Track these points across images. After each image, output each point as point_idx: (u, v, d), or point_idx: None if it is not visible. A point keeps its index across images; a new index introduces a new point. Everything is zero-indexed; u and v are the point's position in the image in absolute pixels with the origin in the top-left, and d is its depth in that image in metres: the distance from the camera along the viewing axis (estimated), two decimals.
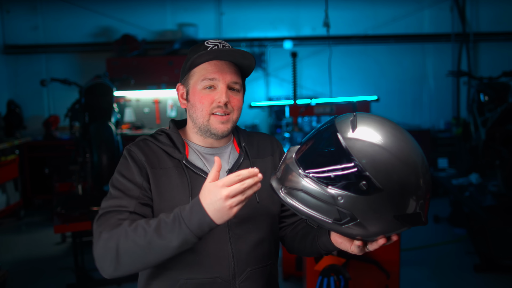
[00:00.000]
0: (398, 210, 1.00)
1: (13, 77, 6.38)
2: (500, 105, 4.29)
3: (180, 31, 6.22)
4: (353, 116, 1.05)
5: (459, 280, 3.61)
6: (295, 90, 4.56)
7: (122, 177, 1.24)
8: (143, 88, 5.93)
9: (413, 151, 1.02)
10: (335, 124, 1.05)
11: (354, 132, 1.01)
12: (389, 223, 1.01)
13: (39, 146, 5.95)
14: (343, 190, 1.00)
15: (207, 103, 1.27)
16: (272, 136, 1.50)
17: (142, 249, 1.09)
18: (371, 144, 0.99)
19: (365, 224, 1.02)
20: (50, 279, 3.74)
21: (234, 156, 1.36)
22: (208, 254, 1.26)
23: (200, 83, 1.28)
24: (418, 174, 1.01)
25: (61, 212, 3.33)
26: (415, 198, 1.01)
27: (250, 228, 1.31)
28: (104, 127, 3.78)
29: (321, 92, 6.08)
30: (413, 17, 6.44)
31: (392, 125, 1.05)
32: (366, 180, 0.98)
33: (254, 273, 1.30)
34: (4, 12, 6.30)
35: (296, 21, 6.51)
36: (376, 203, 0.99)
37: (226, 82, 1.28)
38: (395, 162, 0.99)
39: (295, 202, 1.07)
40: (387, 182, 0.98)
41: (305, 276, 2.90)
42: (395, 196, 0.99)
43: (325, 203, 1.02)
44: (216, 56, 1.27)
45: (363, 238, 1.07)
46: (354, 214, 1.00)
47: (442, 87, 6.58)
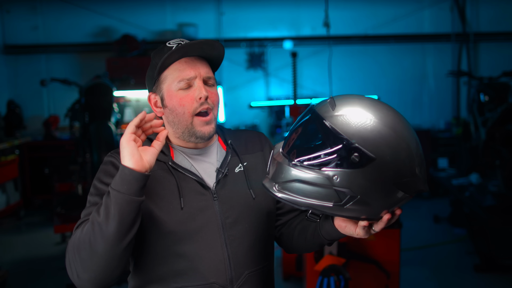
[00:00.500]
0: (396, 176, 0.98)
1: (13, 77, 6.38)
2: (500, 105, 4.29)
3: (180, 31, 6.22)
4: (330, 98, 1.06)
5: (459, 280, 3.61)
6: (295, 90, 4.56)
7: (99, 183, 1.19)
8: (143, 88, 5.91)
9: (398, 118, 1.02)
10: (315, 109, 1.05)
11: (334, 110, 1.02)
12: (390, 194, 1.00)
13: (39, 146, 5.95)
14: (336, 168, 0.99)
15: (188, 104, 1.21)
16: (259, 132, 1.44)
17: (89, 235, 1.05)
18: (354, 117, 1.00)
19: (366, 200, 0.99)
20: (50, 279, 3.74)
21: (221, 153, 1.31)
22: (202, 259, 1.20)
23: (176, 84, 1.21)
24: (408, 140, 1.00)
25: (61, 212, 3.33)
26: (411, 162, 0.99)
27: (246, 229, 1.25)
28: (104, 127, 3.78)
29: (321, 92, 6.08)
30: (413, 17, 6.44)
31: (371, 99, 1.05)
32: (357, 152, 0.97)
33: (253, 276, 1.25)
34: (4, 12, 6.30)
35: (296, 21, 6.51)
36: (372, 174, 0.97)
37: (201, 76, 1.22)
38: (382, 128, 0.98)
39: (291, 195, 1.04)
40: (378, 150, 0.97)
41: (305, 276, 2.90)
42: (389, 163, 0.97)
43: (322, 187, 1.00)
44: (185, 52, 1.22)
45: (367, 217, 1.04)
46: (353, 190, 0.98)
47: (442, 87, 6.58)
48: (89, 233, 1.05)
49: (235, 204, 1.25)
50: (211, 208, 1.23)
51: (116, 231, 1.03)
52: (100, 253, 1.04)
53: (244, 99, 6.20)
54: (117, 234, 1.03)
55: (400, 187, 0.99)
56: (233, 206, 1.25)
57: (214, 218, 1.22)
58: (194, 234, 1.20)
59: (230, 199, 1.25)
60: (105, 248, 1.04)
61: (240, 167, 1.30)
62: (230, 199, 1.25)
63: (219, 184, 1.25)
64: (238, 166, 1.30)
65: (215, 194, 1.24)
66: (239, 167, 1.30)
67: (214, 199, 1.23)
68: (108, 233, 1.03)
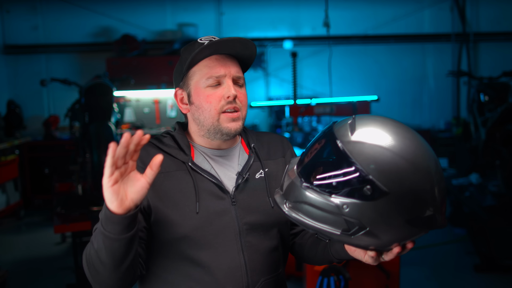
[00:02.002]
0: (409, 213, 0.93)
1: (13, 77, 6.38)
2: (500, 105, 4.30)
3: (180, 31, 6.22)
4: (351, 119, 1.00)
5: (459, 280, 3.61)
6: (295, 90, 4.56)
7: None
8: (143, 88, 5.92)
9: (420, 150, 0.95)
10: (333, 129, 1.00)
11: (353, 135, 0.96)
12: (402, 229, 0.94)
13: (39, 146, 5.95)
14: (347, 198, 0.94)
15: (215, 102, 1.18)
16: (282, 136, 1.41)
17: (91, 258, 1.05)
18: (371, 145, 0.93)
19: (375, 232, 0.95)
20: (50, 279, 3.74)
21: (243, 157, 1.27)
22: (219, 265, 1.17)
23: (205, 81, 1.19)
24: (427, 175, 0.93)
25: (61, 212, 3.33)
26: (427, 200, 0.93)
27: (262, 235, 1.22)
28: (104, 127, 3.78)
29: (321, 92, 6.08)
30: (413, 17, 6.44)
31: (396, 123, 0.99)
32: (370, 184, 0.91)
33: (268, 283, 1.22)
34: (4, 12, 6.30)
35: (296, 21, 6.51)
36: (384, 208, 0.92)
37: (231, 75, 1.20)
38: (400, 161, 0.92)
39: (301, 216, 1.00)
40: (393, 184, 0.91)
41: (305, 276, 2.90)
42: (404, 199, 0.91)
43: (331, 213, 0.96)
44: (216, 49, 1.19)
45: (376, 248, 1.00)
46: (362, 222, 0.94)
47: (442, 87, 6.58)
48: (91, 256, 1.06)
49: (254, 211, 1.22)
50: (229, 213, 1.20)
51: (111, 261, 1.02)
52: (102, 275, 1.05)
53: None
54: (112, 263, 1.02)
55: (413, 224, 0.94)
56: (251, 212, 1.22)
57: (232, 224, 1.19)
58: (211, 239, 1.17)
59: (249, 205, 1.22)
60: (106, 272, 1.04)
61: (261, 173, 1.27)
62: (249, 205, 1.22)
63: (239, 189, 1.22)
64: (259, 172, 1.27)
65: (234, 199, 1.21)
66: (260, 173, 1.27)
67: (232, 203, 1.20)
68: (104, 262, 1.03)
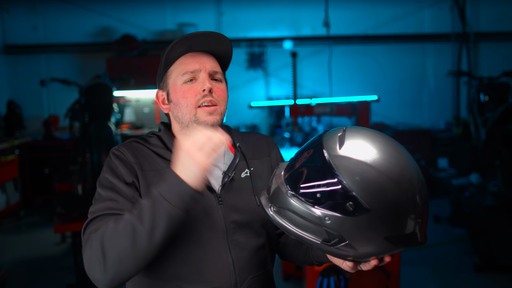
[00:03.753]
0: (389, 231, 0.95)
1: (13, 77, 6.38)
2: (500, 105, 4.29)
3: (180, 31, 6.22)
4: (342, 131, 1.00)
5: (459, 280, 3.61)
6: (295, 90, 4.55)
7: (111, 176, 1.14)
8: (143, 88, 5.92)
9: (406, 170, 0.96)
10: (323, 140, 1.00)
11: (341, 149, 0.96)
12: (380, 245, 0.97)
13: (39, 146, 5.95)
14: (329, 211, 0.95)
15: (191, 97, 1.19)
16: (267, 136, 1.42)
17: (128, 240, 0.99)
18: (358, 162, 0.94)
19: (354, 246, 0.97)
20: (50, 279, 3.74)
21: (229, 156, 1.28)
22: (206, 263, 1.18)
23: (181, 78, 1.21)
24: (410, 194, 0.95)
25: (61, 212, 3.33)
26: (407, 219, 0.95)
27: (249, 234, 1.23)
28: (104, 127, 3.78)
29: (321, 92, 6.08)
30: (413, 17, 6.44)
31: (385, 140, 0.99)
32: (353, 201, 0.93)
33: (256, 281, 1.24)
34: (4, 12, 6.30)
35: (296, 21, 6.51)
36: (364, 225, 0.94)
37: (206, 70, 1.21)
38: (384, 181, 0.93)
39: (284, 221, 1.02)
40: (375, 203, 0.92)
41: (305, 276, 2.90)
42: (384, 217, 0.93)
43: (313, 223, 0.98)
44: (190, 46, 1.21)
45: (354, 259, 1.02)
46: (342, 235, 0.96)
47: (442, 87, 6.58)
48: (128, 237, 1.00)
49: (240, 209, 1.23)
50: (216, 211, 1.20)
51: (160, 241, 1.01)
52: (137, 256, 1.01)
53: (244, 99, 6.19)
54: (161, 243, 1.01)
55: (391, 241, 0.96)
56: (238, 211, 1.23)
57: (219, 222, 1.20)
58: (198, 238, 1.18)
59: (235, 203, 1.23)
60: (145, 253, 1.01)
61: (247, 172, 1.28)
62: (235, 203, 1.23)
63: (225, 188, 1.23)
64: (244, 171, 1.28)
65: (220, 198, 1.22)
66: (245, 172, 1.28)
67: (219, 202, 1.21)
68: (152, 241, 1.00)
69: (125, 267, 1.02)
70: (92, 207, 1.13)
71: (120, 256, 1.00)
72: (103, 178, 1.16)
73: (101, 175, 1.17)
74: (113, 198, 1.11)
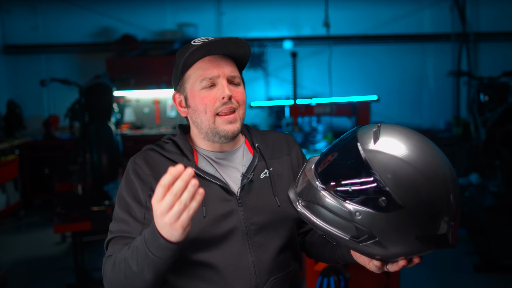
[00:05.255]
0: (420, 230, 0.92)
1: (13, 77, 6.38)
2: (500, 105, 4.30)
3: (180, 31, 6.22)
4: (377, 127, 0.99)
5: (459, 280, 3.61)
6: (295, 90, 4.55)
7: (127, 195, 1.17)
8: (143, 88, 5.93)
9: (440, 168, 0.95)
10: (357, 134, 0.99)
11: (375, 144, 0.95)
12: (411, 244, 0.94)
13: (39, 146, 5.95)
14: (361, 206, 0.94)
15: (210, 104, 1.18)
16: (287, 134, 1.40)
17: (125, 278, 1.05)
18: (393, 158, 0.93)
19: (384, 243, 0.95)
20: (50, 279, 3.74)
21: (248, 158, 1.27)
22: (227, 265, 1.17)
23: (199, 84, 1.19)
24: (444, 193, 0.93)
25: (61, 212, 3.33)
26: (441, 219, 0.93)
27: (271, 235, 1.22)
28: (104, 127, 3.78)
29: (321, 92, 6.07)
30: (413, 17, 6.44)
31: (419, 137, 0.98)
32: (386, 196, 0.91)
33: (277, 282, 1.22)
34: (4, 12, 6.29)
35: (296, 21, 6.51)
36: (396, 222, 0.92)
37: (225, 75, 1.19)
38: (419, 178, 0.91)
39: (312, 216, 1.01)
40: (409, 199, 0.90)
41: (305, 276, 2.90)
42: (417, 215, 0.91)
43: (343, 218, 0.96)
44: (208, 50, 1.19)
45: (382, 258, 1.00)
46: (372, 231, 0.94)
47: (442, 87, 6.57)
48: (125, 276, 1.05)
49: (260, 211, 1.22)
50: (236, 214, 1.20)
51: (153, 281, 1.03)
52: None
53: None
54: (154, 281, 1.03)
55: (422, 241, 0.94)
56: (258, 213, 1.22)
57: (239, 224, 1.20)
58: (219, 241, 1.18)
59: (255, 205, 1.22)
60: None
61: (266, 173, 1.27)
62: (255, 205, 1.22)
63: (244, 190, 1.22)
64: (264, 172, 1.27)
65: (240, 200, 1.21)
66: (265, 172, 1.27)
67: (239, 205, 1.21)
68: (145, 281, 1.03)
69: None
70: (111, 225, 1.19)
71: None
72: (120, 196, 1.20)
73: (119, 190, 1.21)
74: (126, 220, 1.16)
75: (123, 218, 1.16)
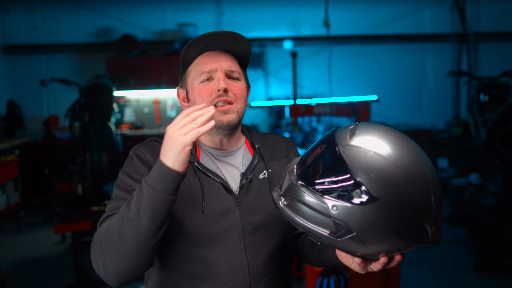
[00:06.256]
0: (397, 223, 0.93)
1: (13, 77, 6.38)
2: (500, 105, 4.30)
3: (180, 31, 6.22)
4: (354, 125, 1.02)
5: (459, 280, 3.61)
6: (295, 90, 4.55)
7: (127, 177, 1.17)
8: (143, 88, 5.93)
9: (416, 161, 0.96)
10: (335, 132, 1.02)
11: (351, 139, 0.98)
12: (389, 239, 0.94)
13: (39, 146, 5.95)
14: (338, 200, 0.95)
15: (206, 95, 1.20)
16: (286, 137, 1.42)
17: (117, 230, 1.02)
18: (367, 151, 0.95)
19: (362, 239, 0.95)
20: (50, 279, 3.74)
21: (248, 158, 1.29)
22: (221, 264, 1.19)
23: (198, 78, 1.22)
24: (420, 185, 0.94)
25: (61, 212, 3.33)
26: (417, 212, 0.93)
27: (266, 236, 1.24)
28: (104, 127, 3.78)
29: (321, 92, 6.08)
30: (413, 17, 6.44)
31: (396, 133, 1.00)
32: (360, 189, 0.93)
33: (270, 283, 1.23)
34: (4, 12, 6.30)
35: (296, 21, 6.51)
36: (371, 215, 0.92)
37: (222, 69, 1.21)
38: (393, 170, 0.93)
39: (293, 213, 1.03)
40: (383, 191, 0.92)
41: (305, 276, 2.90)
42: (393, 207, 0.92)
43: (321, 213, 0.97)
44: (206, 45, 1.22)
45: (363, 255, 1.01)
46: (349, 226, 0.94)
47: (442, 87, 6.57)
48: (118, 227, 1.03)
49: (257, 211, 1.24)
50: (234, 213, 1.21)
51: (147, 228, 1.01)
52: (130, 248, 1.02)
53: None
54: (148, 230, 1.01)
55: (400, 235, 0.94)
56: (255, 213, 1.23)
57: (236, 223, 1.21)
58: (215, 238, 1.19)
59: (253, 205, 1.24)
60: (136, 243, 1.02)
61: (265, 174, 1.28)
62: (253, 205, 1.24)
63: (243, 189, 1.24)
64: (263, 173, 1.28)
65: (238, 199, 1.22)
66: (263, 173, 1.28)
67: (237, 204, 1.22)
68: (139, 229, 1.01)
69: (124, 260, 1.03)
70: (107, 207, 1.16)
71: (116, 248, 1.03)
72: (120, 179, 1.19)
73: (119, 175, 1.20)
74: (124, 198, 1.13)
75: (121, 196, 1.15)
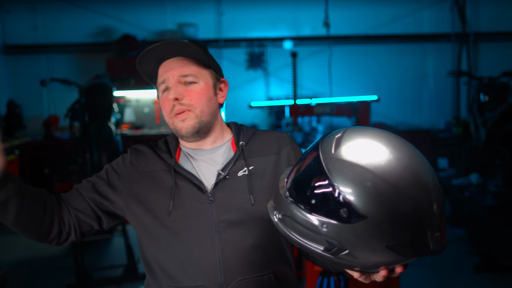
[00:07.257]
0: (390, 239, 0.86)
1: (13, 77, 6.38)
2: (500, 105, 4.30)
3: (180, 31, 6.22)
4: (341, 132, 0.93)
5: (459, 280, 3.61)
6: (295, 90, 4.56)
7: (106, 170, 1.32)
8: (143, 88, 5.92)
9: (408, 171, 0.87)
10: (321, 142, 0.94)
11: (336, 151, 0.89)
12: (385, 254, 0.88)
13: (39, 146, 5.95)
14: (326, 218, 0.88)
15: (167, 106, 1.24)
16: (283, 133, 1.36)
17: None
18: (352, 165, 0.87)
19: (356, 255, 0.89)
20: (50, 279, 3.74)
21: (228, 156, 1.28)
22: (191, 261, 1.18)
23: (159, 89, 1.27)
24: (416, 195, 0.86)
25: None
26: (413, 226, 0.86)
27: (242, 234, 1.20)
28: (104, 127, 3.78)
29: (321, 92, 6.08)
30: (413, 17, 6.44)
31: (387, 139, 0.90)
32: (347, 207, 0.85)
33: (245, 284, 1.19)
34: (4, 12, 6.30)
35: (296, 21, 6.51)
36: (362, 232, 0.86)
37: (174, 77, 1.23)
38: (380, 184, 0.85)
39: (287, 229, 0.97)
40: (371, 208, 0.84)
41: (305, 276, 2.90)
42: (382, 224, 0.85)
43: (312, 231, 0.91)
44: (160, 57, 1.25)
45: (362, 269, 0.95)
46: (341, 243, 0.88)
47: (442, 87, 6.57)
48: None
49: (232, 208, 1.22)
50: (206, 210, 1.21)
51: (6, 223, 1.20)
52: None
53: (244, 99, 6.19)
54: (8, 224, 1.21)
55: (396, 251, 0.87)
56: (229, 210, 1.21)
57: (208, 221, 1.20)
58: (185, 236, 1.20)
59: (227, 202, 1.22)
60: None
61: (245, 171, 1.26)
62: (227, 202, 1.22)
63: (217, 187, 1.23)
64: (243, 170, 1.26)
65: (211, 197, 1.22)
66: (243, 170, 1.26)
67: (209, 201, 1.22)
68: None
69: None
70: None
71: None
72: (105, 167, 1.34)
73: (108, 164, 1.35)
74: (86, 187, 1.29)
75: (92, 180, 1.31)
